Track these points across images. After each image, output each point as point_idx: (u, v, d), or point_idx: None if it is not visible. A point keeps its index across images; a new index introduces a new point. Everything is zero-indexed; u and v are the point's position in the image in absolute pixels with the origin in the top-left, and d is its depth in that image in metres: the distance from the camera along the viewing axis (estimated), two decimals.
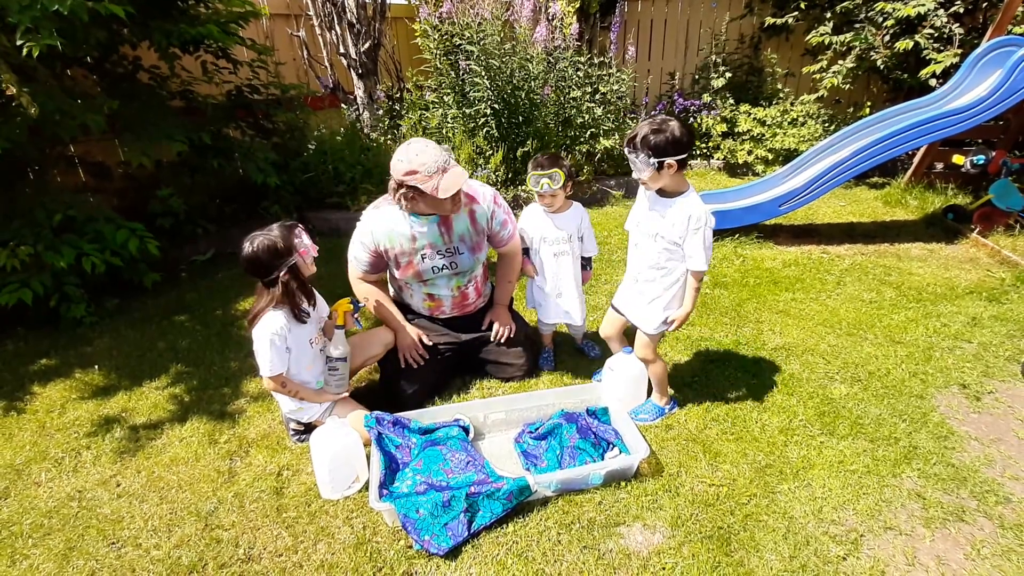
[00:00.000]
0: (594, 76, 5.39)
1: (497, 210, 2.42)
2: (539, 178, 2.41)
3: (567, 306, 2.68)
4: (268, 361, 2.07)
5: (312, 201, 4.71)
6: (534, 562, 1.75)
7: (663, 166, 1.96)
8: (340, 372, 2.27)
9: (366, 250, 2.34)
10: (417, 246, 2.32)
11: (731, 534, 1.84)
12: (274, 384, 2.14)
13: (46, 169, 3.95)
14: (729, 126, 6.06)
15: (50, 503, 2.07)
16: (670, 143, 1.92)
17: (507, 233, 2.49)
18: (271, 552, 1.84)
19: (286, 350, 2.11)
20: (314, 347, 2.23)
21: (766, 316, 3.24)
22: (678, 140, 1.93)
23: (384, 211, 2.29)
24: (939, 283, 3.58)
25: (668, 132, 1.92)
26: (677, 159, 1.95)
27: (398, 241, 2.30)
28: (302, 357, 2.19)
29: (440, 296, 2.51)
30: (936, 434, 2.30)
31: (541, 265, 2.65)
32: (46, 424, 2.51)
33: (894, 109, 4.27)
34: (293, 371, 2.18)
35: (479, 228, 2.39)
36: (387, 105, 5.46)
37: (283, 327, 2.07)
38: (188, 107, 4.19)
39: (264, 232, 2.03)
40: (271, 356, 2.07)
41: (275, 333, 2.05)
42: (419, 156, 2.08)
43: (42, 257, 3.10)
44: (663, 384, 2.39)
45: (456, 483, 1.92)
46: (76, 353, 3.07)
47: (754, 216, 4.15)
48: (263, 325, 2.06)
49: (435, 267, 2.39)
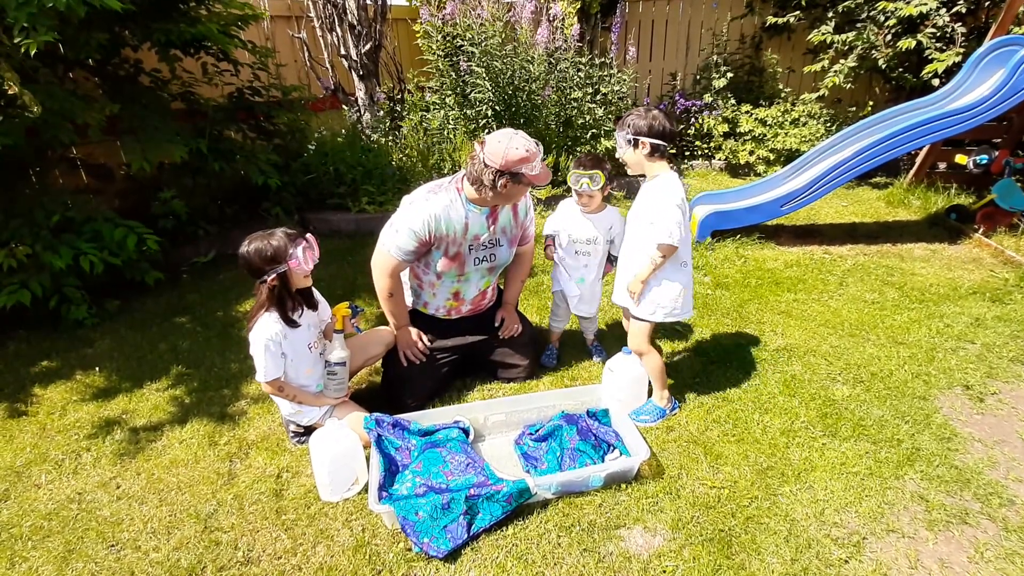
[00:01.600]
0: (595, 77, 5.39)
1: (531, 205, 2.56)
2: (580, 177, 2.43)
3: (587, 300, 2.72)
4: (263, 367, 2.07)
5: (313, 202, 4.71)
6: (534, 565, 1.75)
7: (637, 143, 2.17)
8: (339, 376, 2.26)
9: (416, 238, 2.24)
10: (468, 235, 2.34)
11: (732, 537, 1.83)
12: (271, 388, 2.14)
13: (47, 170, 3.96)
14: (731, 126, 6.04)
15: (50, 505, 2.07)
16: (648, 125, 2.16)
17: (532, 230, 2.62)
18: (270, 554, 1.83)
19: (281, 355, 2.10)
20: (313, 352, 2.22)
21: (768, 317, 3.23)
22: (655, 126, 2.16)
23: (442, 197, 2.27)
24: (942, 283, 3.57)
25: (649, 117, 2.17)
26: (651, 141, 2.16)
27: (453, 228, 2.31)
28: (300, 362, 2.18)
29: (465, 295, 2.51)
30: (939, 436, 2.28)
31: (562, 260, 2.67)
32: (46, 426, 2.51)
33: (896, 109, 4.26)
34: (291, 375, 2.17)
35: (519, 221, 2.48)
36: (388, 106, 5.46)
37: (278, 332, 2.06)
38: (189, 109, 4.19)
39: (264, 235, 2.03)
40: (266, 361, 2.06)
41: (269, 339, 2.04)
42: (527, 143, 2.16)
43: (40, 257, 3.10)
44: (661, 377, 2.38)
45: (456, 485, 1.92)
46: (77, 355, 3.07)
47: (756, 216, 4.14)
48: (258, 330, 2.05)
49: (477, 258, 2.41)
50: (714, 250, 4.09)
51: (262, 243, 2.01)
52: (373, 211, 4.60)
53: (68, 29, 2.84)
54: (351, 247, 4.23)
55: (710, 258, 3.99)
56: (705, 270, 3.83)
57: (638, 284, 2.26)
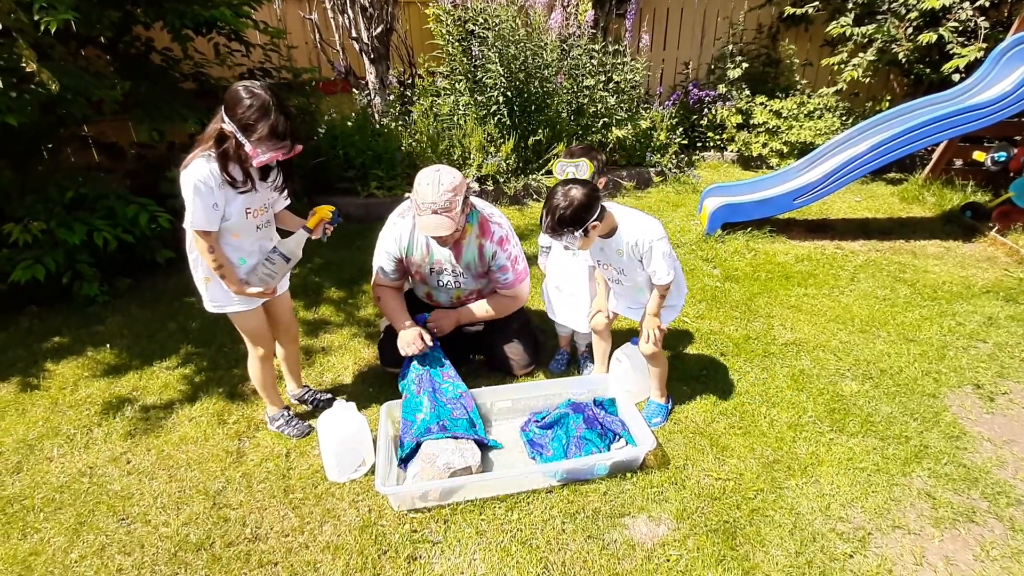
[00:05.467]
0: (608, 64, 5.32)
1: (500, 253, 2.36)
2: (565, 166, 2.35)
3: (574, 309, 2.54)
4: (191, 212, 1.79)
5: (322, 186, 4.70)
6: (538, 550, 1.76)
7: (588, 231, 1.95)
8: (273, 269, 1.98)
9: (391, 258, 2.37)
10: (430, 259, 2.39)
11: (737, 528, 1.84)
12: (202, 243, 1.84)
13: (60, 148, 3.97)
14: (744, 118, 5.97)
15: (61, 478, 2.10)
16: (581, 209, 1.91)
17: (505, 278, 2.42)
18: (278, 532, 1.85)
19: (214, 207, 1.80)
20: (250, 220, 1.93)
21: (777, 311, 3.21)
22: (585, 202, 1.91)
23: (408, 221, 2.35)
24: (955, 281, 3.53)
25: (571, 201, 1.91)
26: (592, 219, 1.94)
27: (414, 251, 2.37)
28: (231, 222, 1.89)
29: (438, 299, 2.57)
30: (948, 434, 2.27)
31: (554, 259, 2.59)
32: (59, 401, 2.55)
33: (915, 103, 4.18)
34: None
35: (485, 263, 2.41)
36: (399, 91, 5.43)
37: (209, 177, 1.77)
38: (200, 90, 4.18)
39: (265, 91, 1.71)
40: (197, 206, 1.78)
41: (200, 180, 1.76)
42: (424, 190, 2.09)
43: (55, 234, 3.13)
44: (665, 379, 2.37)
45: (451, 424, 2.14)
46: (88, 331, 3.10)
47: (768, 210, 4.10)
48: (190, 170, 1.77)
49: (440, 281, 2.47)
50: (724, 242, 4.06)
51: (251, 99, 1.69)
52: (382, 196, 4.59)
53: (83, 6, 2.84)
54: (360, 231, 4.23)
55: (720, 250, 3.96)
56: (714, 262, 3.81)
57: (655, 322, 2.17)
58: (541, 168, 5.02)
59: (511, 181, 4.89)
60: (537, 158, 5.06)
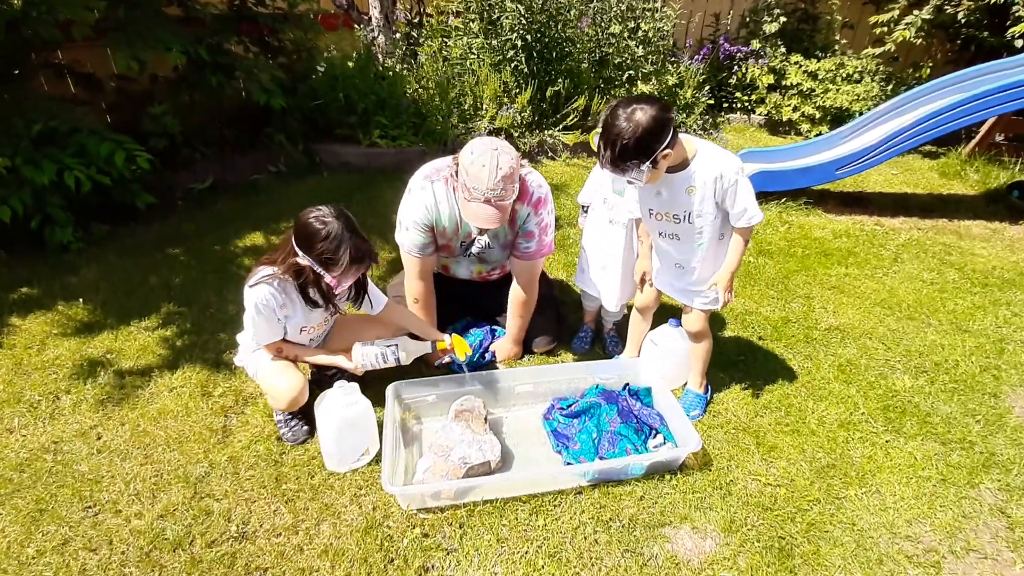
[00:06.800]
0: (637, 10, 4.86)
1: (532, 216, 2.06)
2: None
3: (606, 283, 2.29)
4: (255, 330, 1.82)
5: (320, 131, 4.31)
6: (569, 564, 1.53)
7: (657, 162, 1.59)
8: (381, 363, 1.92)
9: (424, 230, 2.04)
10: (461, 233, 2.10)
11: (793, 546, 1.62)
12: (271, 350, 1.88)
13: (31, 75, 3.55)
14: (777, 78, 5.54)
15: (22, 454, 1.85)
16: (649, 136, 1.54)
17: (527, 246, 2.11)
18: (267, 530, 1.62)
19: (277, 320, 1.81)
20: (303, 335, 1.93)
21: (817, 291, 2.95)
22: (653, 126, 1.54)
23: (437, 188, 2.01)
24: (1006, 267, 3.26)
25: (636, 127, 1.53)
26: (664, 146, 1.57)
27: (444, 224, 2.06)
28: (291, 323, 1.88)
29: (455, 272, 2.31)
30: (1015, 440, 2.04)
31: (590, 229, 2.29)
32: (23, 361, 2.27)
33: (974, 70, 3.80)
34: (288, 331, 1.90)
35: (515, 229, 2.10)
36: (405, 29, 4.96)
37: (271, 299, 1.75)
38: (186, 16, 3.74)
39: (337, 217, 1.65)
40: (260, 324, 1.79)
41: (262, 303, 1.75)
42: (479, 173, 1.79)
43: (20, 171, 2.78)
44: (707, 366, 2.12)
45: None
46: (60, 283, 2.79)
47: (808, 179, 3.78)
48: (253, 292, 1.75)
49: (468, 252, 2.20)
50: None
51: (327, 229, 1.63)
52: (385, 145, 4.21)
53: None
54: (360, 183, 3.87)
55: None
56: None
57: (728, 278, 1.85)
58: (558, 124, 4.63)
59: (526, 136, 4.50)
60: (554, 112, 4.66)
